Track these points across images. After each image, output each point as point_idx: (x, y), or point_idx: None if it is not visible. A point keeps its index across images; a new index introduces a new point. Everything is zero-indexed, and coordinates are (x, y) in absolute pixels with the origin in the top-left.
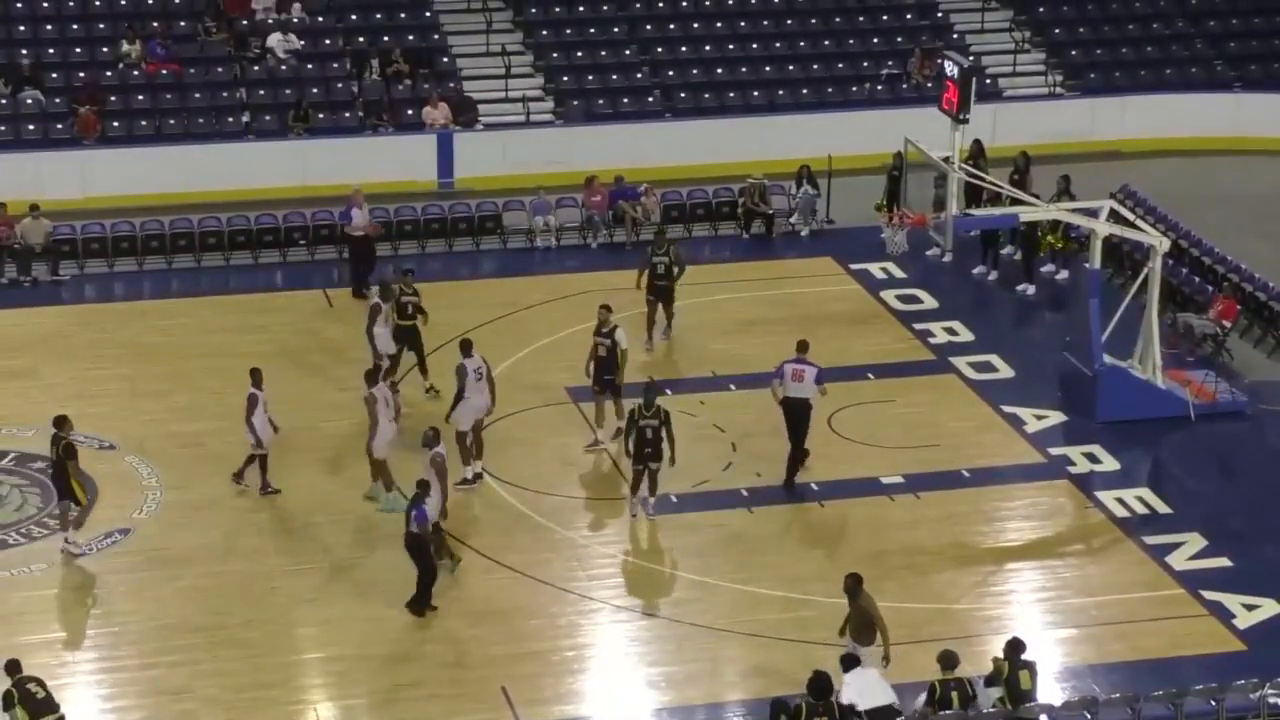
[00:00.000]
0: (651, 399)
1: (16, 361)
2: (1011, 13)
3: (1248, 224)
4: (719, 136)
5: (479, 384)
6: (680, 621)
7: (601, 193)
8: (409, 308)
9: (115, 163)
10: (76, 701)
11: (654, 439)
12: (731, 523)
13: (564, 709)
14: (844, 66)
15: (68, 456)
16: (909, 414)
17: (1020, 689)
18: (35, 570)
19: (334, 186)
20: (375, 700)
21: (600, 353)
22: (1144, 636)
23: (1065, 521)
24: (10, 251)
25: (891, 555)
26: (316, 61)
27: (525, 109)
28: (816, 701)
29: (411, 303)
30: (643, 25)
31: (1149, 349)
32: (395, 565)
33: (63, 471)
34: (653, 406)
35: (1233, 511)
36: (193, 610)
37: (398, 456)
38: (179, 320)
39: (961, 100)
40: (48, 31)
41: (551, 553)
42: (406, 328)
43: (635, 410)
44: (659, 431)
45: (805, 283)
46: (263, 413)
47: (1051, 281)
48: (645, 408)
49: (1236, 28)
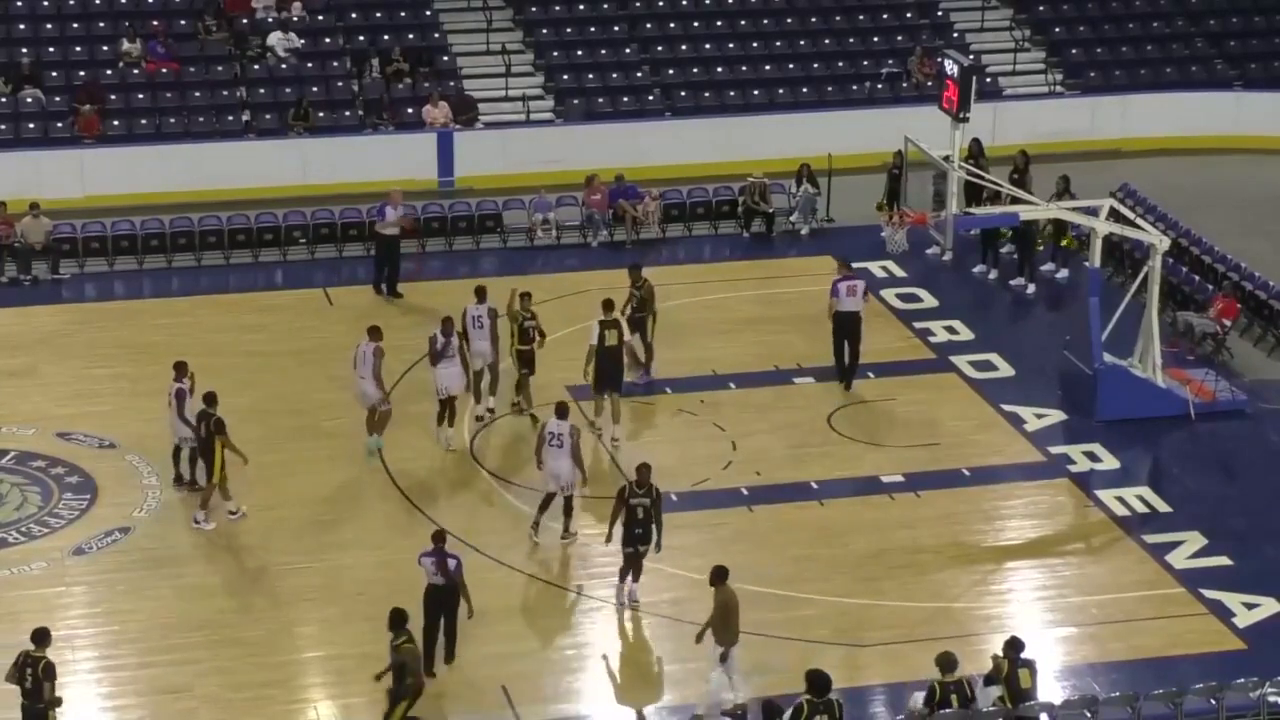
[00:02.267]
0: (645, 476)
1: (16, 360)
2: (1011, 11)
3: (1248, 223)
4: (719, 135)
5: (479, 331)
6: (680, 621)
7: (601, 191)
8: (531, 332)
9: (115, 162)
10: (77, 700)
11: (645, 519)
12: (731, 522)
13: (564, 708)
14: (844, 65)
15: (218, 432)
16: (909, 413)
17: (1020, 688)
18: (35, 569)
19: (334, 185)
20: (375, 699)
21: (609, 341)
22: (1144, 635)
23: (1065, 520)
24: (10, 250)
25: (891, 554)
26: (316, 60)
27: (525, 108)
28: (817, 700)
29: (533, 326)
30: (643, 24)
31: (1149, 348)
32: (395, 564)
33: (210, 448)
34: (645, 485)
35: (1233, 510)
36: (192, 609)
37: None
38: (179, 319)
39: (961, 99)
40: (48, 30)
41: (551, 552)
42: (525, 352)
43: (626, 488)
44: (649, 511)
45: (805, 281)
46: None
47: (1051, 280)
48: (638, 485)
49: (1236, 26)
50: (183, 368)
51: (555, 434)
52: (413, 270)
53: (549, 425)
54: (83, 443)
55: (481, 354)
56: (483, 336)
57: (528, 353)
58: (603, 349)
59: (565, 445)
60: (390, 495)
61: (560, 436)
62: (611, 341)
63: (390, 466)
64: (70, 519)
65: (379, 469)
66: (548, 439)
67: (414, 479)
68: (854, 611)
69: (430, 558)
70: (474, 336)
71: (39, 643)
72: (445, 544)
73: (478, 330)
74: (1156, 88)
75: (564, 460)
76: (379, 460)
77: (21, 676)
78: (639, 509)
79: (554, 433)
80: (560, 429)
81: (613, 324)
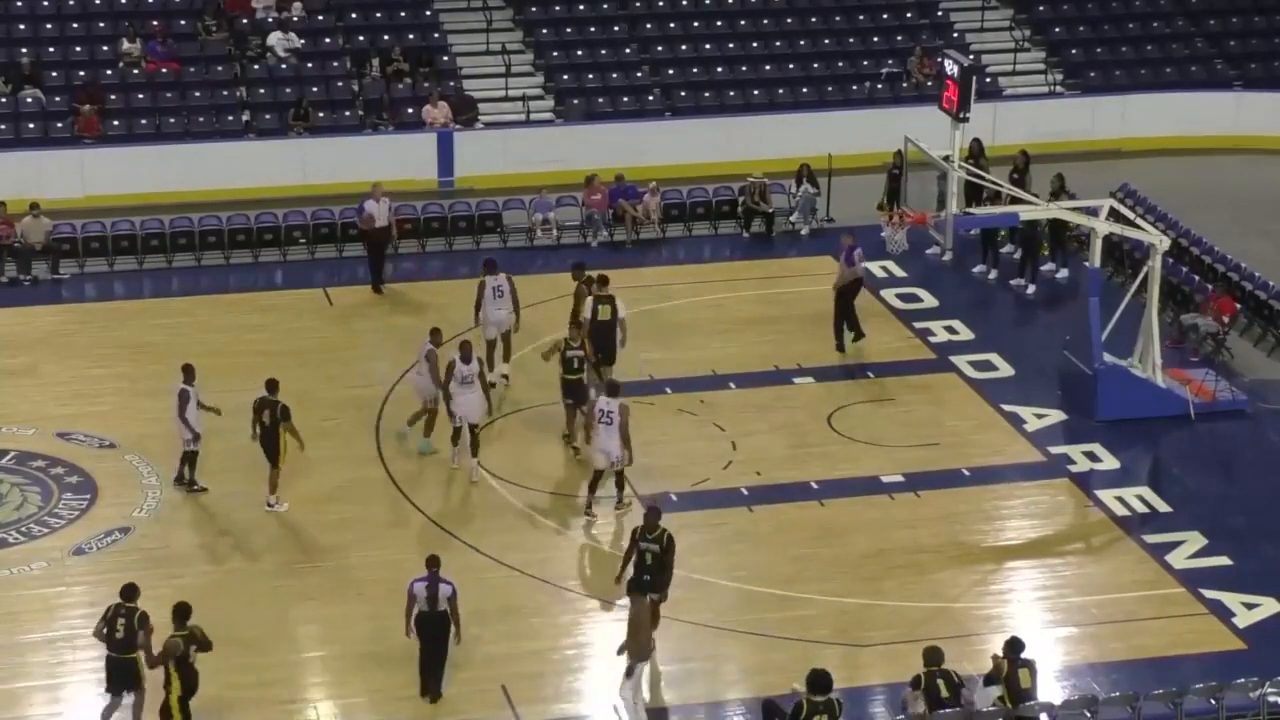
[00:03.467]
0: (654, 520)
1: (17, 360)
2: (1011, 11)
3: (1248, 223)
4: (719, 135)
5: (499, 300)
6: (680, 620)
7: (601, 191)
8: (575, 362)
9: (115, 162)
10: (77, 700)
11: (653, 564)
12: (731, 522)
13: (564, 708)
14: (844, 65)
15: (284, 418)
16: (909, 413)
17: (1020, 688)
18: (35, 569)
19: (334, 185)
20: (375, 699)
21: (602, 315)
22: (1144, 635)
23: (1065, 520)
24: (11, 250)
25: (891, 554)
26: (316, 60)
27: (525, 108)
28: (817, 700)
29: (576, 357)
30: (643, 24)
31: (1149, 348)
32: (395, 564)
33: (274, 436)
34: (655, 529)
35: (1233, 510)
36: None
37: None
38: (179, 319)
39: (961, 99)
40: (48, 30)
41: (551, 552)
42: (573, 382)
43: (636, 531)
44: (659, 558)
45: (805, 281)
46: (195, 408)
47: (1051, 280)
48: (648, 530)
49: (1236, 26)
50: (190, 371)
51: (606, 411)
52: (413, 270)
53: (600, 403)
54: (83, 443)
55: (498, 323)
56: (503, 305)
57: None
58: (596, 322)
59: (615, 422)
60: (390, 495)
61: (610, 414)
62: (604, 316)
63: (390, 466)
64: (70, 519)
65: (379, 469)
66: (599, 416)
67: (414, 479)
68: (854, 611)
69: (423, 582)
70: (493, 306)
71: (128, 597)
72: (439, 569)
73: (498, 299)
74: (1156, 88)
75: (614, 437)
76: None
77: (111, 629)
78: (648, 554)
79: (605, 410)
80: (610, 406)
81: (606, 299)
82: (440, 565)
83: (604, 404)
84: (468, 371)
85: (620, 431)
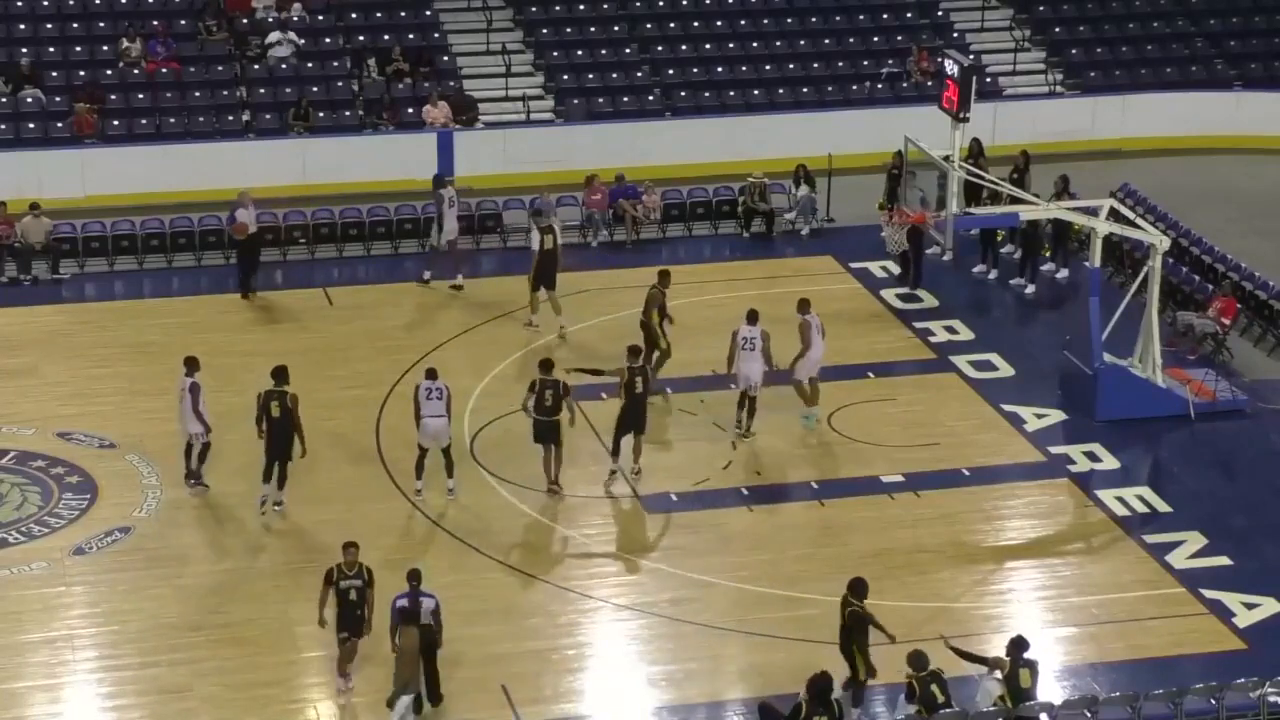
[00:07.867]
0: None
1: (17, 360)
2: (1012, 11)
3: (1248, 222)
4: (719, 135)
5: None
6: (680, 620)
7: (601, 191)
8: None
9: (115, 161)
10: (76, 700)
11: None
12: (731, 522)
13: (564, 707)
14: (844, 65)
15: (293, 406)
16: (909, 413)
17: (1020, 687)
18: (35, 569)
19: (334, 185)
20: (375, 700)
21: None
22: (1144, 635)
23: (1065, 520)
24: (11, 250)
25: (892, 554)
26: (316, 60)
27: (525, 108)
28: (817, 702)
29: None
30: (643, 24)
31: (1149, 347)
32: (395, 564)
33: (285, 428)
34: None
35: (1233, 510)
36: (193, 609)
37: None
38: (179, 319)
39: (961, 99)
40: (48, 30)
41: (551, 551)
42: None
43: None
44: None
45: (806, 281)
46: (203, 401)
47: (1051, 280)
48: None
49: (1237, 26)
50: (193, 363)
51: (748, 338)
52: (413, 270)
53: (741, 331)
54: (83, 443)
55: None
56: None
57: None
58: (542, 252)
59: (756, 348)
60: (390, 495)
61: (752, 340)
62: (549, 245)
63: (390, 466)
64: (70, 519)
65: (379, 469)
66: (741, 344)
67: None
68: None
69: (404, 599)
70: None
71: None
72: (420, 583)
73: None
74: (1156, 88)
75: (756, 362)
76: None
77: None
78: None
79: (747, 337)
80: (752, 333)
81: (548, 229)
82: (421, 579)
83: (745, 331)
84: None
85: (764, 355)
